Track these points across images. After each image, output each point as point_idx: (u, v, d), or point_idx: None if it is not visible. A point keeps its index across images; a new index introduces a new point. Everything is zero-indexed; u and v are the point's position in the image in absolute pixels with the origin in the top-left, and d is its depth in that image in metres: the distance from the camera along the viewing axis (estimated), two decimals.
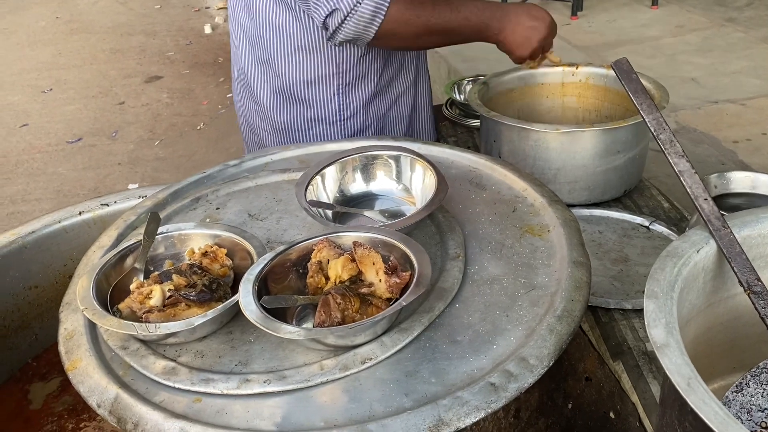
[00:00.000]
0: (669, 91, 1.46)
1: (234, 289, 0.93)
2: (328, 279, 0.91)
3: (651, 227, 1.40)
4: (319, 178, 1.15)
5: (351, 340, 0.83)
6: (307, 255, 0.94)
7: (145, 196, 1.27)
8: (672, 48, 4.14)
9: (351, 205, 1.17)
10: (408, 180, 1.18)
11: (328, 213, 1.11)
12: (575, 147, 1.41)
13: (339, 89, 1.49)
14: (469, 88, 2.05)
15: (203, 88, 5.33)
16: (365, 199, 1.20)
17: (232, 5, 1.55)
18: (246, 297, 0.85)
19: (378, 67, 1.51)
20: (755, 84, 3.47)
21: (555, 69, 1.70)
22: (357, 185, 1.20)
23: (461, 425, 0.72)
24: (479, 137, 1.74)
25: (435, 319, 0.88)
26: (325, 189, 1.16)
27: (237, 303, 0.85)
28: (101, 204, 1.38)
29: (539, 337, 0.82)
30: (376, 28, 1.28)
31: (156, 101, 5.14)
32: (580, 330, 1.17)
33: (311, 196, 1.11)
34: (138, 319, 0.88)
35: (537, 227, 1.07)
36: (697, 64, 3.83)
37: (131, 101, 5.17)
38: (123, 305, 0.91)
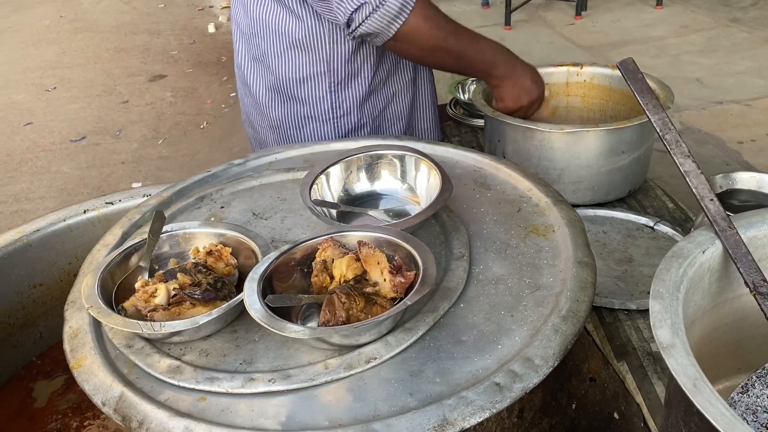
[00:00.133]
0: (673, 92, 1.46)
1: (239, 288, 0.93)
2: (332, 278, 0.91)
3: (655, 227, 1.39)
4: (324, 177, 1.15)
5: (356, 339, 0.83)
6: (312, 254, 0.94)
7: (150, 194, 1.27)
8: (676, 48, 4.13)
9: (355, 205, 1.17)
10: (413, 179, 1.18)
11: (332, 212, 1.11)
12: (580, 147, 1.41)
13: (330, 87, 1.49)
14: (473, 87, 2.05)
15: (207, 87, 5.34)
16: (370, 199, 1.19)
17: (233, 4, 1.56)
18: (251, 296, 0.85)
19: (370, 67, 1.50)
20: (760, 84, 3.46)
21: (559, 69, 1.70)
22: (361, 184, 1.20)
23: (466, 425, 0.72)
24: (483, 137, 1.74)
25: (440, 319, 0.88)
26: (330, 188, 1.16)
27: (242, 302, 0.85)
28: (106, 202, 1.38)
29: (544, 338, 0.82)
30: (398, 26, 1.30)
31: (160, 100, 5.15)
32: (584, 330, 1.17)
33: (316, 195, 1.11)
34: (143, 318, 0.88)
35: (542, 227, 1.06)
36: (702, 64, 3.83)
37: (135, 100, 5.17)
38: (128, 304, 0.91)
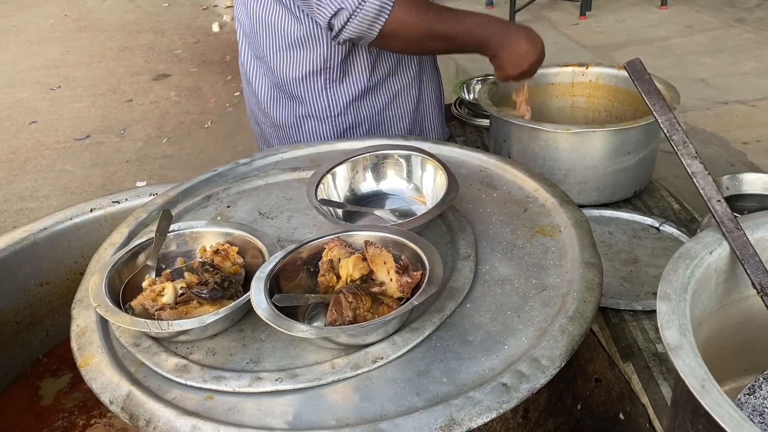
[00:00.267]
0: (679, 92, 1.46)
1: (245, 287, 0.93)
2: (339, 278, 0.91)
3: (661, 228, 1.39)
4: (330, 176, 1.15)
5: (362, 339, 0.83)
6: (319, 254, 0.94)
7: (156, 193, 1.28)
8: (681, 48, 4.12)
9: (361, 204, 1.17)
10: (419, 179, 1.18)
11: (338, 212, 1.11)
12: (585, 147, 1.41)
13: (326, 85, 1.50)
14: (479, 87, 2.06)
15: (211, 86, 5.34)
16: (376, 198, 1.20)
17: (235, 3, 1.57)
18: (257, 295, 0.85)
19: (367, 64, 1.50)
20: (765, 85, 3.45)
21: (565, 69, 1.70)
22: (368, 184, 1.20)
23: (473, 425, 0.72)
24: (488, 137, 1.74)
25: (446, 319, 0.88)
26: (336, 188, 1.16)
27: (248, 301, 0.85)
28: (112, 201, 1.38)
29: (551, 338, 0.82)
30: (379, 26, 1.29)
31: (164, 99, 5.15)
32: (590, 331, 1.17)
33: (322, 194, 1.11)
34: (150, 317, 0.89)
35: (548, 227, 1.06)
36: (707, 64, 3.82)
37: (139, 99, 5.18)
38: (135, 302, 0.91)
